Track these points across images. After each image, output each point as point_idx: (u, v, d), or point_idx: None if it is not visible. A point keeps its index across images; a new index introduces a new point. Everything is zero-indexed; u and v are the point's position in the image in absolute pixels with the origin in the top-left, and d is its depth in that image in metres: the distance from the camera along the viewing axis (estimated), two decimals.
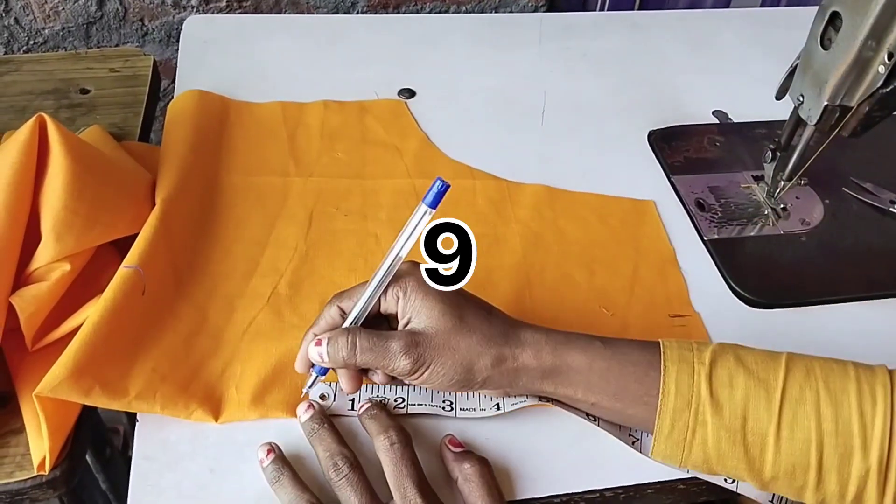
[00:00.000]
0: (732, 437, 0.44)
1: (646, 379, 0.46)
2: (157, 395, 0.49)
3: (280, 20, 0.90)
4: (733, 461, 0.44)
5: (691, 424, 0.45)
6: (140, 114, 0.73)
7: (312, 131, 0.72)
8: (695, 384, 0.45)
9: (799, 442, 0.43)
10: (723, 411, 0.44)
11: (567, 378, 0.47)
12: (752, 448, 0.44)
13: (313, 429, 0.48)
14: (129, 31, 1.01)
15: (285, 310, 0.56)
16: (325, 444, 0.47)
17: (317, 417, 0.49)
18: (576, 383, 0.47)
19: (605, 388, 0.47)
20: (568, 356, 0.47)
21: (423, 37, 0.88)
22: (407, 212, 0.63)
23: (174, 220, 0.59)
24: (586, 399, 0.47)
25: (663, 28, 0.94)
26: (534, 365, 0.47)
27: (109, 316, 0.50)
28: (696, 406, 0.44)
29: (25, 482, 0.47)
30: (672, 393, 0.45)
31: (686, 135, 0.78)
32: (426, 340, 0.46)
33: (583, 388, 0.47)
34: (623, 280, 0.62)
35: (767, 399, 0.44)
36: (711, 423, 0.44)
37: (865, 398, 0.43)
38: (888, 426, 0.42)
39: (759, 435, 0.44)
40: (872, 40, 0.53)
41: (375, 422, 0.48)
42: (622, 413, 0.47)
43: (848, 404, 0.43)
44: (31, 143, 0.52)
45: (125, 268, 0.53)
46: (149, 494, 0.47)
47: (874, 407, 0.43)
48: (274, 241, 0.61)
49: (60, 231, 0.51)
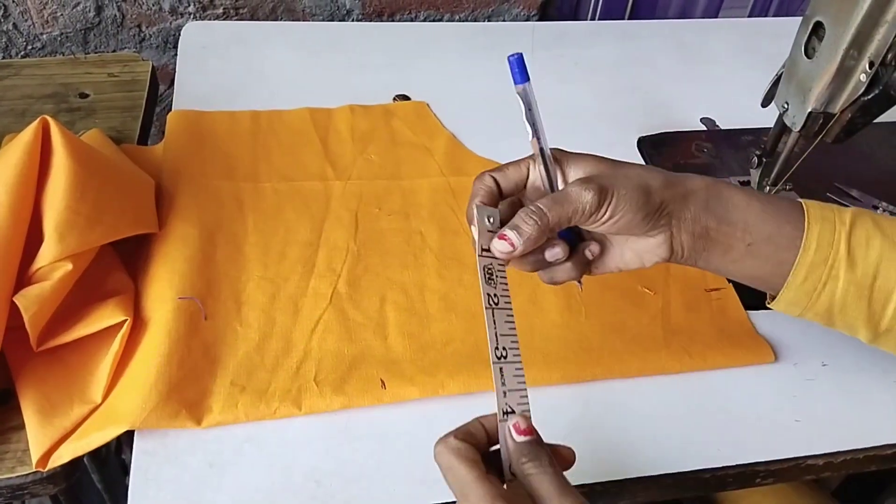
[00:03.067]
0: (860, 292, 0.47)
1: (799, 225, 0.48)
2: (239, 405, 0.51)
3: (276, 27, 0.92)
4: (854, 313, 0.48)
5: (824, 278, 0.47)
6: (139, 118, 0.74)
7: (343, 136, 0.74)
8: (835, 242, 0.47)
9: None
10: (856, 268, 0.47)
11: (727, 213, 0.48)
12: (876, 303, 0.48)
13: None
14: (127, 37, 1.02)
15: (348, 307, 0.59)
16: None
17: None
18: (735, 220, 0.48)
19: (763, 230, 0.48)
20: (727, 190, 0.48)
21: (417, 44, 0.90)
22: (446, 208, 0.67)
23: (218, 238, 0.62)
24: (744, 239, 0.48)
25: (654, 37, 0.96)
26: (701, 192, 0.47)
27: (175, 346, 0.52)
28: (832, 262, 0.47)
29: (26, 477, 0.48)
30: (812, 248, 0.47)
31: (675, 141, 0.79)
32: (599, 176, 0.46)
33: (742, 226, 0.48)
34: None
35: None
36: (843, 279, 0.47)
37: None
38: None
39: (885, 292, 0.47)
40: (854, 49, 0.55)
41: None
42: (775, 259, 0.48)
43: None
44: (34, 145, 0.53)
45: (180, 300, 0.55)
46: (149, 488, 0.48)
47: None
48: (325, 243, 0.63)
49: (63, 231, 0.51)
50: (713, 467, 0.53)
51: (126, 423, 0.48)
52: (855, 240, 0.47)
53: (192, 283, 0.57)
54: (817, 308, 0.49)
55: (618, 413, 0.55)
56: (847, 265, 0.47)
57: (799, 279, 0.48)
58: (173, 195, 0.64)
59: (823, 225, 0.48)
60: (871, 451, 0.55)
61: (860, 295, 0.47)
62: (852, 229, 0.48)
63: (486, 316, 0.42)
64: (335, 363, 0.54)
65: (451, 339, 0.57)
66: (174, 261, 0.58)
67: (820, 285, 0.48)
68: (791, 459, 0.54)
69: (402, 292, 0.60)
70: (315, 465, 0.49)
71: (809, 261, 0.47)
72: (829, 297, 0.48)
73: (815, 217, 0.48)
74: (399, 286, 0.61)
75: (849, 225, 0.48)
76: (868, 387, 0.58)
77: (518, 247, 0.44)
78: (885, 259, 0.47)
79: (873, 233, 0.47)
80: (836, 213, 0.48)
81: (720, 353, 0.58)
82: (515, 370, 0.41)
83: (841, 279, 0.47)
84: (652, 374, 0.57)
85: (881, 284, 0.47)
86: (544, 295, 0.61)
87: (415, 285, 0.61)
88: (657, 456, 0.53)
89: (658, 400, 0.56)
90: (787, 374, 0.59)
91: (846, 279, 0.47)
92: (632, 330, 0.59)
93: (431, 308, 0.59)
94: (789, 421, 0.56)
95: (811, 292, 0.48)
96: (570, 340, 0.58)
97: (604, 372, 0.57)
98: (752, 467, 0.53)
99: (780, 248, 0.48)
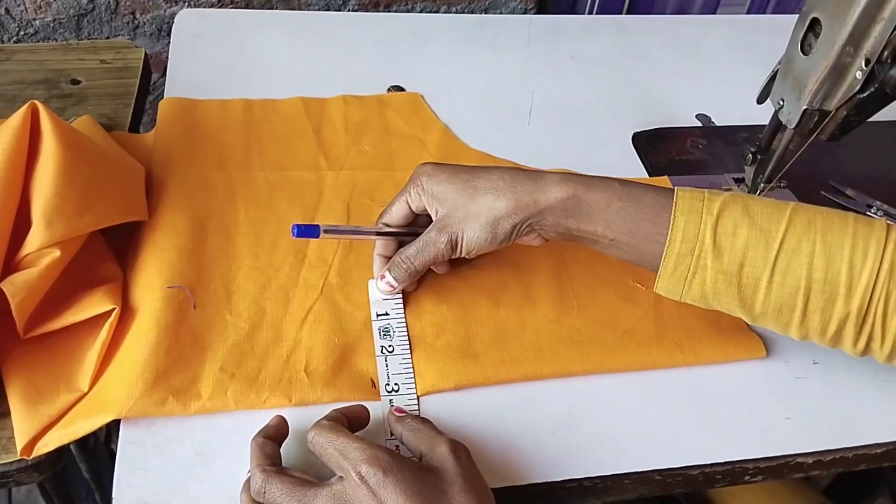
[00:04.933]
0: (728, 280, 0.50)
1: (658, 220, 0.51)
2: (229, 392, 0.51)
3: (271, 16, 0.91)
4: (727, 299, 0.50)
5: (692, 267, 0.50)
6: (130, 105, 0.74)
7: (337, 126, 0.74)
8: (700, 234, 0.50)
9: (789, 287, 0.49)
10: (723, 257, 0.49)
11: (588, 216, 0.52)
12: (746, 289, 0.50)
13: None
14: (120, 24, 1.01)
15: (339, 298, 0.58)
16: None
17: None
18: (596, 220, 0.52)
19: (622, 226, 0.51)
20: (587, 196, 0.52)
21: (412, 35, 0.89)
22: None
23: (209, 227, 0.61)
24: (605, 235, 0.52)
25: (651, 32, 0.95)
26: (557, 205, 0.52)
27: (163, 334, 0.52)
28: (698, 252, 0.50)
29: (11, 465, 0.48)
30: (678, 241, 0.50)
31: (670, 137, 0.79)
32: (451, 220, 0.53)
33: (602, 225, 0.52)
34: None
35: (766, 248, 0.49)
36: (711, 267, 0.49)
37: (858, 252, 0.48)
38: (873, 278, 0.48)
39: (753, 279, 0.49)
40: (850, 46, 0.54)
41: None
42: (637, 249, 0.52)
43: (840, 257, 0.48)
44: (22, 130, 0.52)
45: (168, 288, 0.55)
46: (135, 477, 0.47)
47: (864, 260, 0.48)
48: None
49: (51, 217, 0.51)
50: (703, 464, 0.53)
51: (113, 412, 0.48)
52: (721, 229, 0.49)
53: (182, 272, 0.57)
54: (692, 294, 0.51)
55: (608, 408, 0.55)
56: (714, 255, 0.49)
57: (669, 269, 0.51)
58: (164, 183, 0.64)
59: (689, 217, 0.50)
60: (861, 450, 0.55)
61: (729, 282, 0.50)
62: (719, 219, 0.50)
63: (379, 362, 0.54)
64: (326, 354, 0.54)
65: (442, 331, 0.57)
66: (164, 249, 0.58)
67: (689, 274, 0.50)
68: (781, 457, 0.54)
69: None
70: (302, 455, 0.49)
71: (676, 251, 0.50)
72: (700, 284, 0.50)
73: (682, 210, 0.50)
74: None
75: (716, 215, 0.50)
76: (859, 385, 0.58)
77: (397, 287, 0.57)
78: (751, 247, 0.49)
79: (741, 221, 0.49)
80: (706, 202, 0.50)
81: (712, 349, 0.58)
82: (407, 400, 0.53)
83: (709, 268, 0.50)
84: (643, 368, 0.57)
85: (748, 272, 0.49)
86: (536, 289, 0.61)
87: None
88: (647, 452, 0.53)
89: (648, 396, 0.56)
90: (778, 372, 0.59)
91: (713, 268, 0.49)
92: (623, 324, 0.59)
93: (423, 300, 0.59)
94: (780, 419, 0.56)
95: (682, 280, 0.51)
96: (561, 335, 0.58)
97: (595, 366, 0.56)
98: (741, 464, 0.53)
99: (641, 241, 0.51)
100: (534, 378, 0.55)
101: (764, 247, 0.49)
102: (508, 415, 0.53)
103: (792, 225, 0.49)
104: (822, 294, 0.48)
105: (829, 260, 0.48)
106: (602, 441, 0.53)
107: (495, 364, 0.55)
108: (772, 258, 0.49)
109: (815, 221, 0.49)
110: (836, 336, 0.50)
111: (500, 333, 0.57)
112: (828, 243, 0.48)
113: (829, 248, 0.48)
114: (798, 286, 0.49)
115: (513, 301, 0.60)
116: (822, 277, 0.48)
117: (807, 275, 0.48)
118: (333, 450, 0.44)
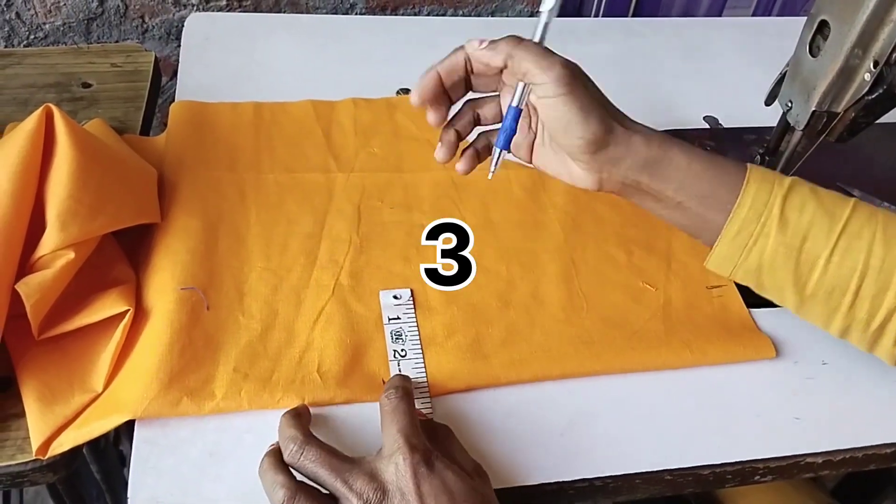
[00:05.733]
0: (788, 253, 0.50)
1: (735, 188, 0.50)
2: (243, 392, 0.51)
3: (280, 19, 0.92)
4: (783, 273, 0.50)
5: (756, 234, 0.50)
6: (141, 109, 0.74)
7: (346, 128, 0.74)
8: (769, 202, 0.50)
9: (846, 269, 0.49)
10: (787, 229, 0.49)
11: (665, 172, 0.51)
12: (803, 265, 0.50)
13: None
14: (130, 28, 1.02)
15: (350, 299, 0.59)
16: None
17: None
18: (671, 179, 0.51)
19: (697, 190, 0.51)
20: (671, 150, 0.51)
21: (420, 38, 0.89)
22: (448, 202, 0.68)
23: (221, 229, 0.62)
24: (675, 197, 0.51)
25: (657, 35, 0.95)
26: (642, 150, 0.50)
27: (177, 335, 0.53)
28: (764, 220, 0.50)
29: (26, 465, 0.48)
30: (747, 205, 0.50)
31: (678, 139, 0.79)
32: (571, 71, 0.50)
33: (675, 186, 0.51)
34: (659, 258, 0.65)
35: (829, 228, 0.49)
36: (774, 237, 0.50)
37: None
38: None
39: (812, 255, 0.50)
40: (859, 48, 0.55)
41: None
42: (702, 217, 0.51)
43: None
44: (37, 133, 0.53)
45: (181, 290, 0.55)
46: (149, 477, 0.48)
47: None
48: (328, 235, 0.63)
49: (65, 219, 0.51)
50: (713, 464, 0.53)
51: (128, 413, 0.48)
52: (789, 203, 0.50)
53: (195, 274, 0.57)
54: (748, 264, 0.51)
55: (617, 408, 0.55)
56: (779, 225, 0.49)
57: (732, 233, 0.50)
58: (175, 186, 0.64)
59: (762, 185, 0.50)
60: (871, 450, 0.55)
61: (789, 255, 0.50)
62: (789, 193, 0.50)
63: (392, 366, 0.55)
64: (338, 354, 0.54)
65: (452, 332, 0.57)
66: (176, 251, 0.58)
67: (751, 241, 0.50)
68: (791, 457, 0.54)
69: (403, 285, 0.60)
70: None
71: (743, 216, 0.50)
72: (759, 254, 0.50)
73: (756, 178, 0.50)
74: (401, 279, 0.61)
75: (786, 188, 0.50)
76: (868, 386, 0.58)
77: (484, 46, 0.51)
78: (815, 225, 0.49)
79: (809, 199, 0.50)
80: (777, 177, 0.51)
81: (721, 349, 0.58)
82: (421, 403, 0.52)
83: (772, 237, 0.50)
84: (652, 369, 0.57)
85: (809, 247, 0.50)
86: (545, 290, 0.61)
87: (416, 278, 0.61)
88: (657, 451, 0.53)
89: (658, 396, 0.56)
90: (787, 372, 0.59)
91: (776, 239, 0.50)
92: (632, 325, 0.59)
93: (433, 301, 0.59)
94: (789, 419, 0.56)
95: (742, 248, 0.50)
96: (570, 335, 0.58)
97: (604, 367, 0.57)
98: (751, 465, 0.53)
99: (710, 208, 0.51)
100: (543, 378, 0.56)
101: (828, 226, 0.49)
102: (518, 415, 0.54)
103: (856, 212, 0.50)
104: (877, 282, 0.49)
105: (888, 249, 0.49)
106: (612, 441, 0.53)
107: (505, 365, 0.55)
108: (833, 238, 0.49)
109: (877, 214, 0.50)
110: (879, 329, 0.50)
111: (509, 334, 0.58)
112: (888, 234, 0.49)
113: (889, 238, 0.49)
114: (854, 269, 0.49)
115: (522, 302, 0.60)
116: (878, 265, 0.49)
117: (865, 259, 0.49)
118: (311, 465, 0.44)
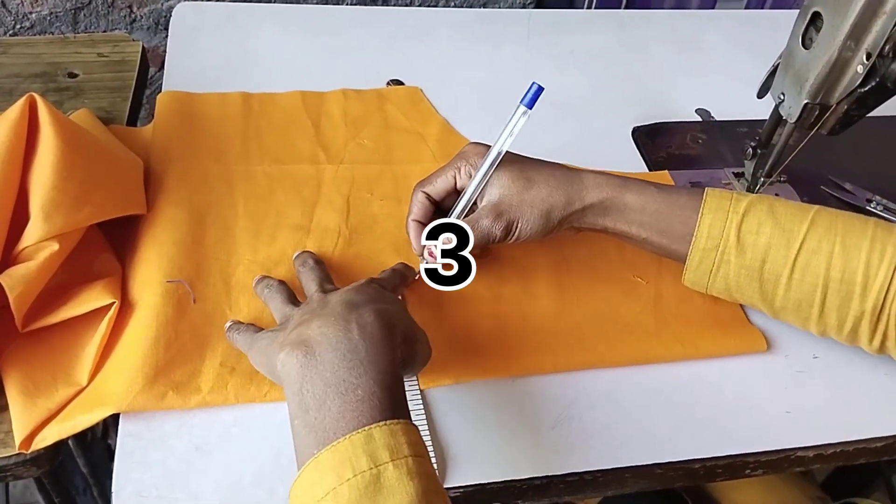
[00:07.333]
0: (750, 275, 0.53)
1: (689, 222, 0.54)
2: (229, 386, 0.51)
3: (270, 9, 0.91)
4: (750, 292, 0.54)
5: (716, 261, 0.54)
6: (128, 99, 0.73)
7: (335, 120, 0.74)
8: (725, 231, 0.53)
9: (808, 285, 0.52)
10: (745, 253, 0.53)
11: (623, 215, 0.55)
12: (767, 284, 0.53)
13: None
14: (117, 18, 1.01)
15: None
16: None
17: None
18: (630, 220, 0.55)
19: (655, 226, 0.55)
20: (625, 197, 0.55)
21: (412, 29, 0.89)
22: None
23: (208, 221, 0.61)
24: (638, 234, 0.55)
25: (650, 27, 0.95)
26: (597, 204, 0.55)
27: (163, 329, 0.52)
28: (723, 247, 0.53)
29: (9, 459, 0.48)
30: (704, 236, 0.53)
31: (669, 131, 0.79)
32: (506, 206, 0.54)
33: (636, 225, 0.55)
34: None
35: (787, 246, 0.52)
36: (734, 263, 0.53)
37: (875, 254, 0.51)
38: (888, 279, 0.50)
39: (773, 275, 0.53)
40: (852, 41, 0.54)
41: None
42: (667, 248, 0.56)
43: (857, 258, 0.51)
44: (20, 123, 0.52)
45: (168, 282, 0.54)
46: (134, 471, 0.47)
47: (881, 262, 0.50)
48: (316, 227, 0.63)
49: (49, 211, 0.51)
50: (703, 458, 0.53)
51: (112, 406, 0.48)
52: (745, 227, 0.53)
53: (181, 267, 0.56)
54: (717, 287, 0.55)
55: (608, 402, 0.55)
56: (737, 251, 0.53)
57: (694, 263, 0.55)
58: (162, 177, 0.63)
59: (716, 215, 0.53)
60: (861, 444, 0.55)
61: (751, 277, 0.53)
62: (744, 218, 0.53)
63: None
64: None
65: (443, 325, 0.57)
66: (163, 243, 0.58)
67: (714, 267, 0.54)
68: (781, 451, 0.54)
69: None
70: None
71: (702, 246, 0.54)
72: (724, 278, 0.54)
73: (710, 208, 0.54)
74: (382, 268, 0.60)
75: (741, 214, 0.53)
76: (858, 380, 0.58)
77: (438, 259, 0.55)
78: (773, 246, 0.52)
79: (765, 220, 0.53)
80: (733, 202, 0.54)
81: (712, 342, 0.58)
82: (411, 396, 0.52)
83: (732, 262, 0.53)
84: (643, 362, 0.57)
85: (769, 268, 0.53)
86: (537, 284, 0.61)
87: None
88: (647, 445, 0.53)
89: (649, 390, 0.56)
90: (778, 366, 0.59)
91: (737, 262, 0.53)
92: (624, 318, 0.59)
93: (423, 294, 0.59)
94: (780, 413, 0.56)
95: (707, 273, 0.55)
96: (561, 329, 0.58)
97: (595, 360, 0.56)
98: (742, 458, 0.53)
99: (672, 241, 0.55)
100: (534, 372, 0.55)
101: (785, 246, 0.52)
102: (509, 408, 0.53)
103: (814, 226, 0.52)
104: (839, 293, 0.51)
105: (847, 261, 0.51)
106: (603, 435, 0.53)
107: (496, 358, 0.55)
108: (792, 257, 0.52)
109: (837, 224, 0.52)
110: (852, 333, 0.53)
111: (500, 328, 0.57)
112: (847, 245, 0.51)
113: (848, 249, 0.51)
114: (816, 284, 0.51)
115: (513, 295, 0.60)
116: (839, 277, 0.51)
117: (825, 274, 0.51)
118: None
